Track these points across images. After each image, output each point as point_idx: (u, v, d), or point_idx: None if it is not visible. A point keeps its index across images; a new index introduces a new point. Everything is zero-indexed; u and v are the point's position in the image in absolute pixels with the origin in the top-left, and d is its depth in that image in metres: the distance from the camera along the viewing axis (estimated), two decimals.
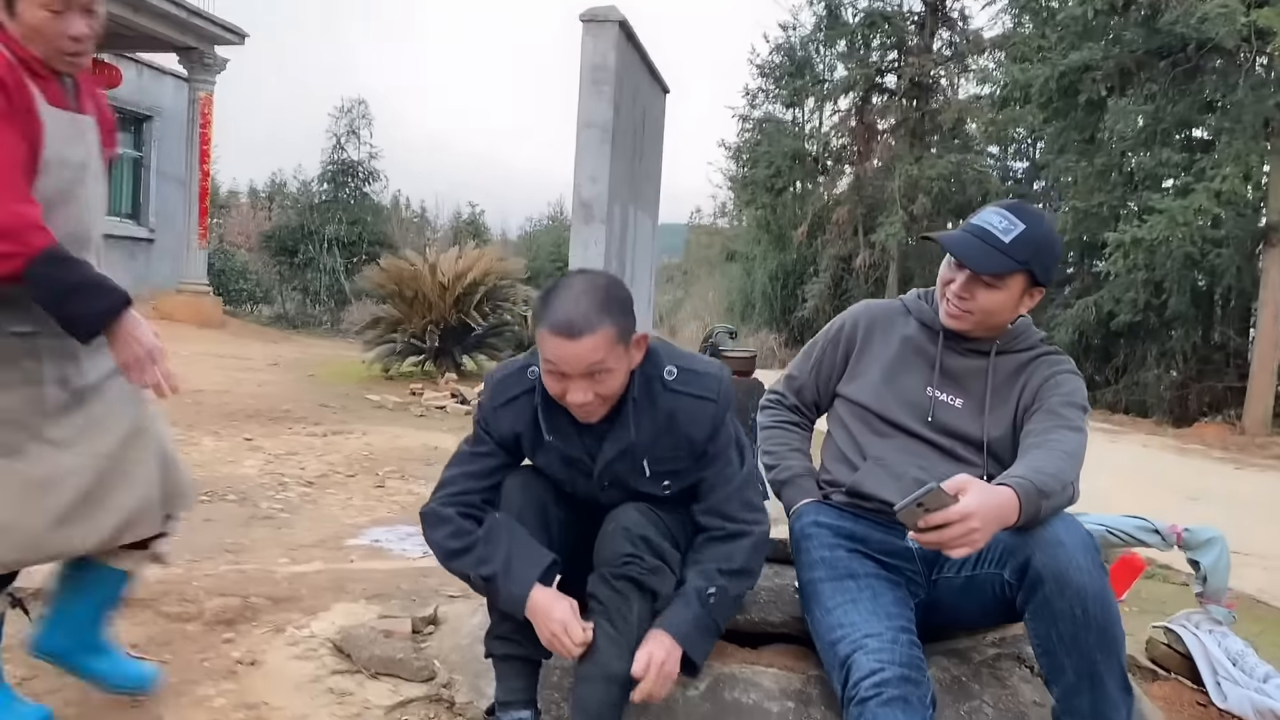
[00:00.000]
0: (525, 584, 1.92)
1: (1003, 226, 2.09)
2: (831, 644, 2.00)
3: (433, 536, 2.05)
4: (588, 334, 1.81)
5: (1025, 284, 2.13)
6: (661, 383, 1.98)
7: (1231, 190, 12.09)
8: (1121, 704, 1.92)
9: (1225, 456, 10.29)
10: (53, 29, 1.90)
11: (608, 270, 12.32)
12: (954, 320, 2.17)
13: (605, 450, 1.99)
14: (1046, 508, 1.88)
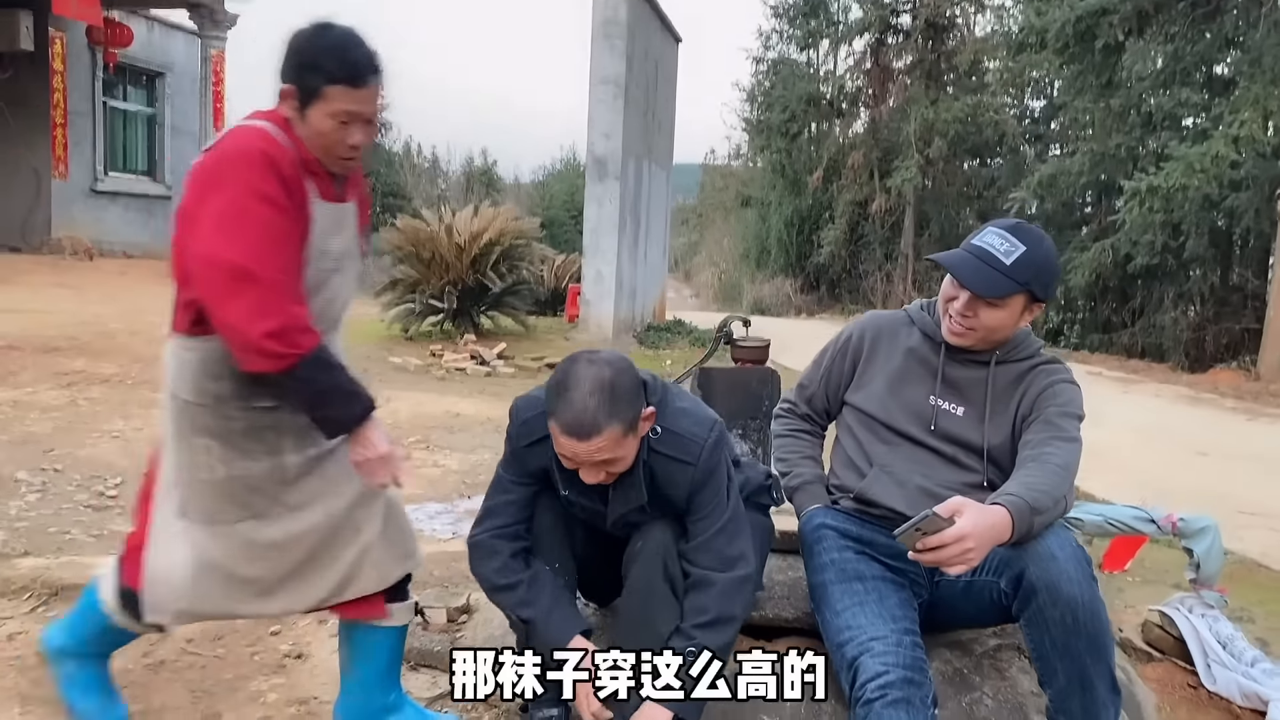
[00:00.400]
0: (564, 638, 2.11)
1: (1004, 249, 2.18)
2: (840, 646, 2.15)
3: (481, 569, 2.21)
4: (596, 436, 1.94)
5: (1026, 301, 2.23)
6: (647, 442, 2.09)
7: (1250, 135, 11.98)
8: (1110, 704, 2.07)
9: (1238, 406, 10.35)
10: (336, 137, 2.01)
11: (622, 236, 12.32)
12: (957, 338, 2.28)
13: (614, 507, 2.13)
14: (1039, 523, 2.01)
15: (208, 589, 2.05)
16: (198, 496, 2.05)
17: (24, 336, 8.90)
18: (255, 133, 1.98)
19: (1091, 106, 17.05)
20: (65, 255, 14.92)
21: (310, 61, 1.98)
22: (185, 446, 2.03)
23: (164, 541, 2.06)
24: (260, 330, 1.84)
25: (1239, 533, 5.07)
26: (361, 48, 2.02)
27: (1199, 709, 2.67)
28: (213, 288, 1.87)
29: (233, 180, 1.89)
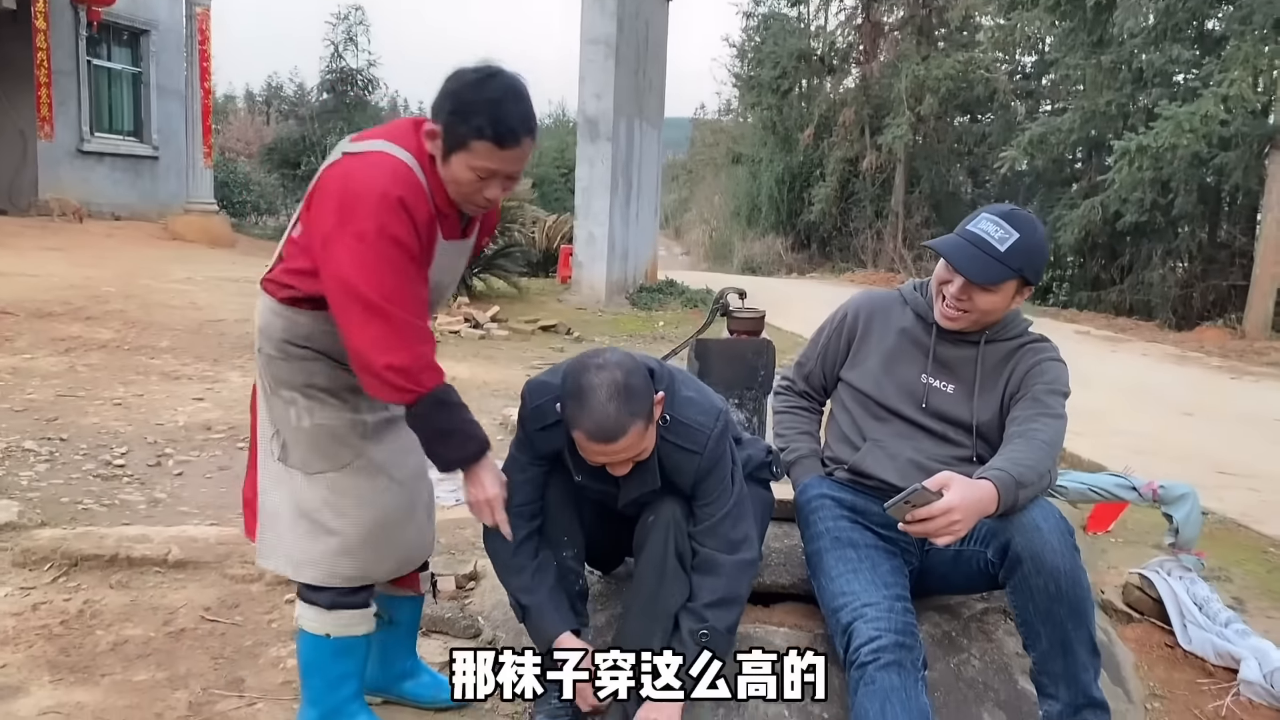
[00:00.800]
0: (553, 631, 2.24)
1: (999, 236, 2.25)
2: (834, 611, 2.26)
3: (495, 547, 2.32)
4: (621, 438, 2.02)
5: (1018, 285, 2.31)
6: (657, 429, 2.17)
7: (1239, 95, 12.01)
8: (1090, 666, 2.18)
9: (1223, 365, 10.48)
10: (473, 188, 2.01)
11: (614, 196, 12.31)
12: (950, 322, 2.37)
13: (627, 491, 2.22)
14: (1024, 496, 2.12)
15: (300, 535, 2.12)
16: (291, 445, 2.12)
17: (17, 301, 8.90)
18: (397, 171, 1.96)
19: (1083, 63, 17.00)
20: (53, 217, 14.85)
21: (463, 110, 1.94)
22: (275, 397, 2.12)
23: (269, 486, 2.15)
24: (385, 363, 1.92)
25: (1220, 493, 5.21)
26: (519, 105, 1.97)
27: (1175, 667, 2.80)
28: (347, 315, 1.93)
29: (372, 218, 1.90)
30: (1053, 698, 2.24)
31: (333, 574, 2.13)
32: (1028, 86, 23.39)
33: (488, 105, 1.94)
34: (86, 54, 16.25)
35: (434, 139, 1.99)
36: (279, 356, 2.10)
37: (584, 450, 2.10)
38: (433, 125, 1.98)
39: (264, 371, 2.13)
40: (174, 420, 5.32)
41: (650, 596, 2.20)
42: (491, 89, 1.96)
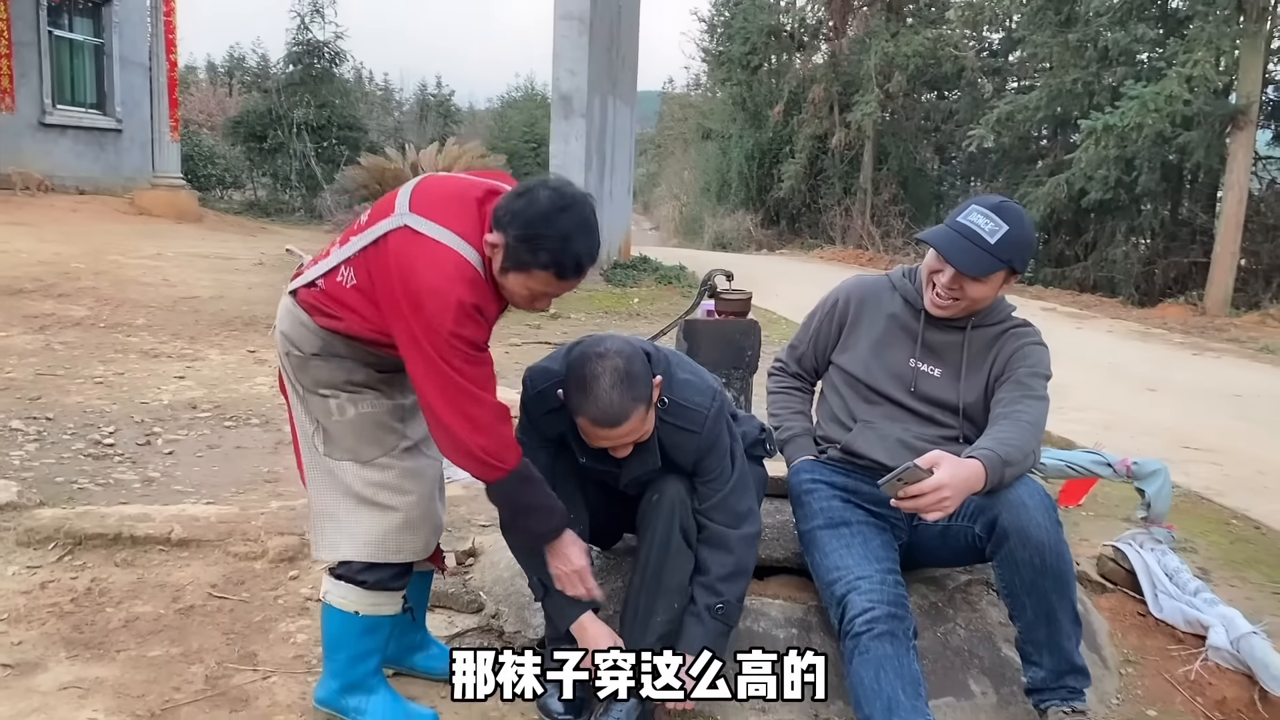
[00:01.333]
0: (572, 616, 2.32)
1: (989, 228, 2.35)
2: (829, 584, 2.36)
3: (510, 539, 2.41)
4: (624, 422, 2.12)
5: (1006, 275, 2.42)
6: (656, 411, 2.26)
7: (1202, 75, 12.21)
8: (1072, 635, 2.31)
9: (1185, 342, 10.73)
10: (525, 302, 2.09)
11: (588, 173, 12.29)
12: (940, 310, 2.47)
13: (629, 471, 2.31)
14: (1010, 474, 2.23)
15: (363, 519, 2.20)
16: (339, 437, 2.19)
17: None
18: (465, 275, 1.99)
19: (1050, 41, 17.18)
20: (16, 191, 14.63)
21: (533, 240, 1.97)
22: (313, 395, 2.19)
23: (318, 479, 2.22)
24: (478, 443, 2.03)
25: (1185, 467, 5.39)
26: (588, 240, 2.02)
27: (1147, 634, 2.93)
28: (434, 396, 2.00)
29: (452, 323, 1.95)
30: (1037, 665, 2.37)
31: (400, 550, 2.23)
32: (995, 64, 23.55)
33: (558, 241, 1.98)
34: (47, 25, 15.95)
35: (496, 250, 2.01)
36: (316, 360, 2.16)
37: (588, 435, 2.19)
38: (496, 238, 2.00)
39: (295, 375, 2.19)
40: (158, 399, 5.34)
41: (655, 571, 2.29)
42: (564, 223, 1.98)
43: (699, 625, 2.30)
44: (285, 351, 2.19)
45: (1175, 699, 2.64)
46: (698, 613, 2.31)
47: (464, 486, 3.97)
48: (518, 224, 1.98)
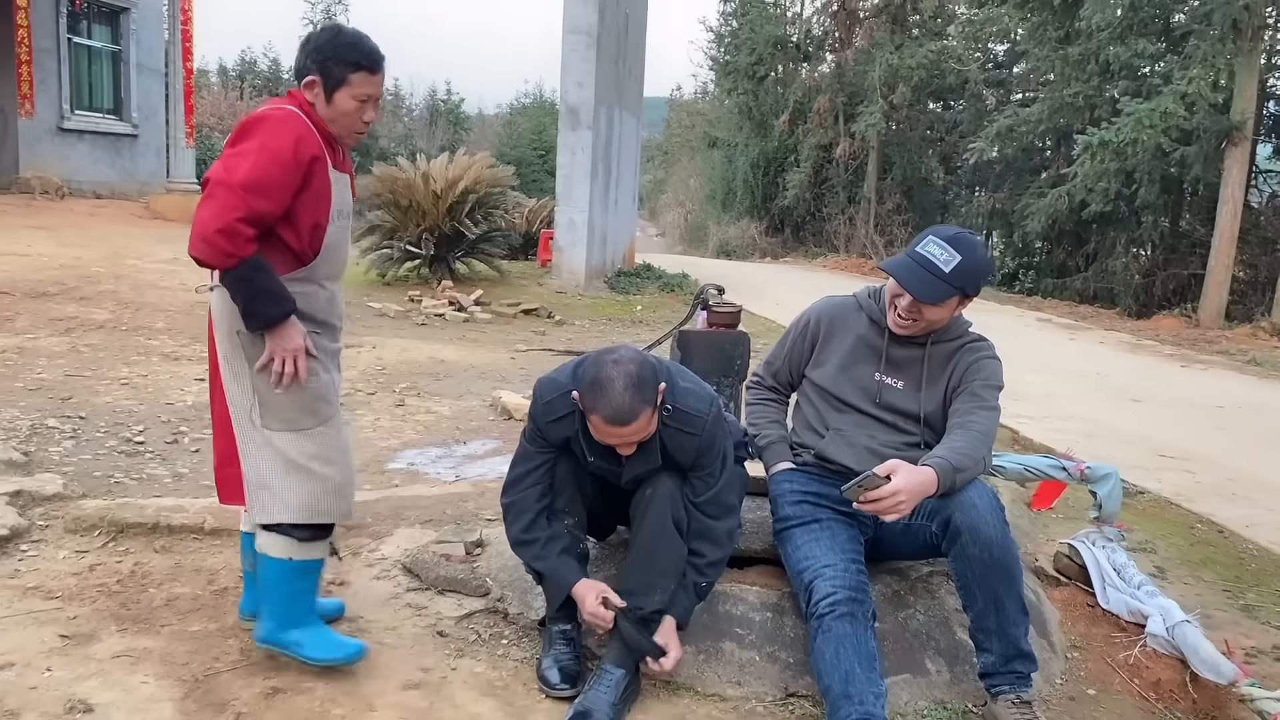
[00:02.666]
0: (567, 585, 2.61)
1: (944, 258, 2.63)
2: (799, 573, 2.65)
3: (511, 530, 2.69)
4: (634, 421, 2.41)
5: (960, 299, 2.70)
6: (660, 416, 2.55)
7: (1198, 93, 12.47)
8: (1019, 622, 2.58)
9: (1175, 353, 10.97)
10: (356, 115, 2.53)
11: (594, 183, 12.61)
12: (902, 330, 2.76)
13: (631, 469, 2.60)
14: (961, 479, 2.51)
15: (295, 486, 2.51)
16: (274, 410, 2.49)
17: (11, 281, 9.13)
18: (288, 112, 2.44)
19: (1051, 55, 17.43)
20: (35, 195, 14.97)
21: (335, 55, 2.47)
22: (261, 371, 2.47)
23: (253, 452, 2.51)
24: (214, 228, 2.31)
25: (1158, 474, 5.65)
26: (371, 42, 2.53)
27: (1094, 623, 3.20)
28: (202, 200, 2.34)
29: (259, 134, 2.38)
30: (988, 650, 2.63)
31: (330, 512, 2.57)
32: (999, 76, 23.81)
33: (353, 46, 2.50)
34: (67, 31, 16.32)
35: (314, 88, 2.48)
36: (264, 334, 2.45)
37: (599, 433, 2.47)
38: (310, 79, 2.47)
39: (247, 351, 2.47)
40: (182, 400, 5.63)
41: (649, 557, 2.58)
42: (349, 35, 2.52)
43: (687, 596, 2.62)
44: (235, 331, 2.46)
45: (1114, 680, 2.91)
46: (687, 586, 2.62)
47: (471, 484, 4.26)
48: (317, 55, 2.48)
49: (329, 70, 2.47)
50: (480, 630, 2.90)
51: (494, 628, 2.92)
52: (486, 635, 2.88)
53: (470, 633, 2.89)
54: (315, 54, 2.48)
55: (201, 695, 2.45)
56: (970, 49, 21.60)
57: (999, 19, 16.64)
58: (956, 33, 19.82)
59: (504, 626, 2.93)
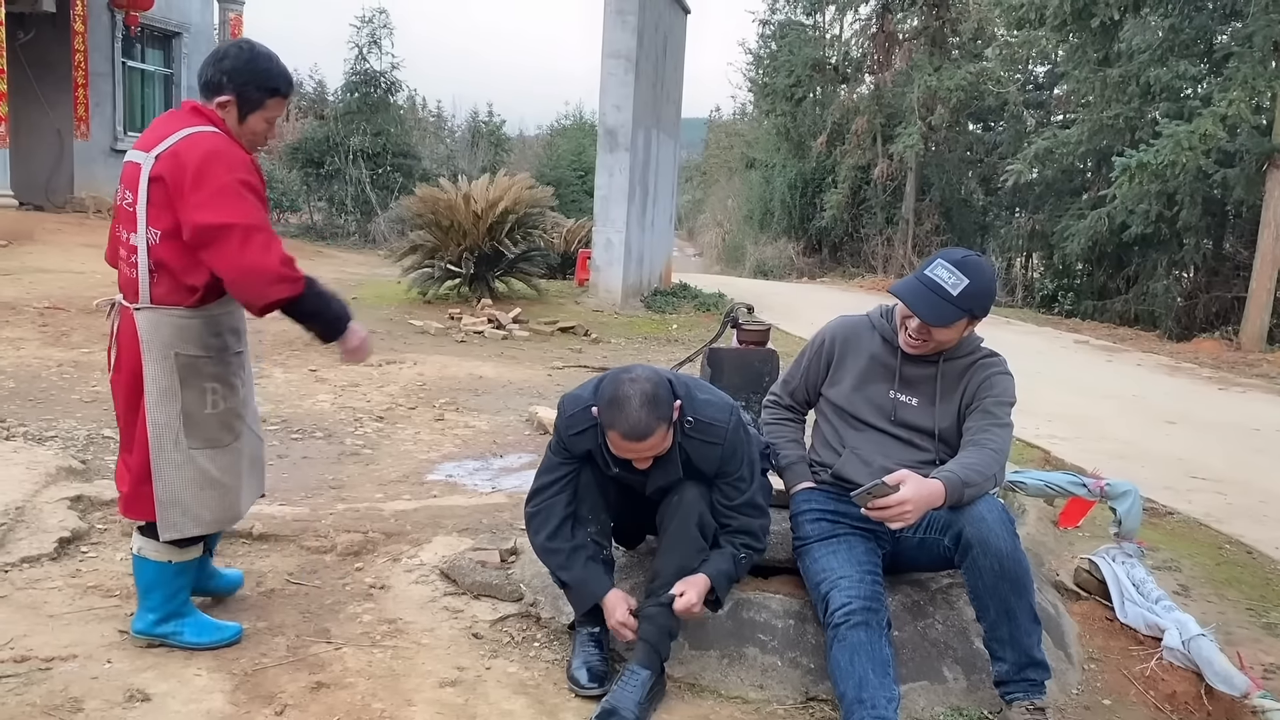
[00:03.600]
0: (594, 597, 2.74)
1: (951, 282, 2.73)
2: (816, 584, 2.75)
3: (535, 538, 2.82)
4: (649, 437, 2.53)
5: (968, 321, 2.80)
6: (682, 429, 2.68)
7: (1238, 115, 12.40)
8: (1031, 631, 2.67)
9: (1214, 377, 10.89)
10: (262, 135, 2.72)
11: (631, 205, 12.77)
12: (912, 350, 2.87)
13: (654, 481, 2.72)
14: (970, 494, 2.61)
15: (208, 500, 2.70)
16: (201, 428, 2.67)
17: (67, 297, 9.46)
18: (217, 137, 2.56)
19: (1091, 77, 17.39)
20: (89, 214, 15.41)
21: (253, 80, 2.61)
22: (192, 391, 2.65)
23: (169, 472, 2.66)
24: (276, 259, 2.49)
25: (1189, 495, 5.67)
26: (283, 64, 2.68)
27: (1112, 636, 3.27)
28: (227, 246, 2.47)
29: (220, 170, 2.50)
30: (1001, 659, 2.72)
31: (233, 519, 2.84)
32: (1039, 97, 23.77)
33: (268, 71, 2.63)
34: (121, 55, 16.82)
35: (228, 108, 2.62)
36: (203, 354, 2.64)
37: (616, 448, 2.59)
38: (225, 98, 2.60)
39: (183, 370, 2.62)
40: None
41: (674, 557, 2.70)
42: (263, 60, 2.64)
43: (719, 556, 2.74)
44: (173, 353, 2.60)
45: (1130, 691, 2.97)
46: (724, 553, 2.74)
47: (507, 495, 4.40)
48: (235, 80, 2.60)
49: (246, 94, 2.62)
50: (513, 633, 3.03)
51: (526, 630, 3.05)
52: (519, 637, 3.01)
53: (504, 635, 3.02)
54: (233, 75, 2.61)
55: (250, 688, 2.60)
56: (1009, 71, 21.57)
57: (1038, 41, 16.67)
58: (995, 55, 19.81)
59: (536, 629, 3.06)
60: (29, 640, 2.76)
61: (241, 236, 2.46)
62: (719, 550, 2.75)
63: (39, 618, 2.90)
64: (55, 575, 3.20)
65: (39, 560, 3.28)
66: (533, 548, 2.86)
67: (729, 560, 2.74)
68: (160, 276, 2.60)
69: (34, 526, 3.45)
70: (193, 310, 2.62)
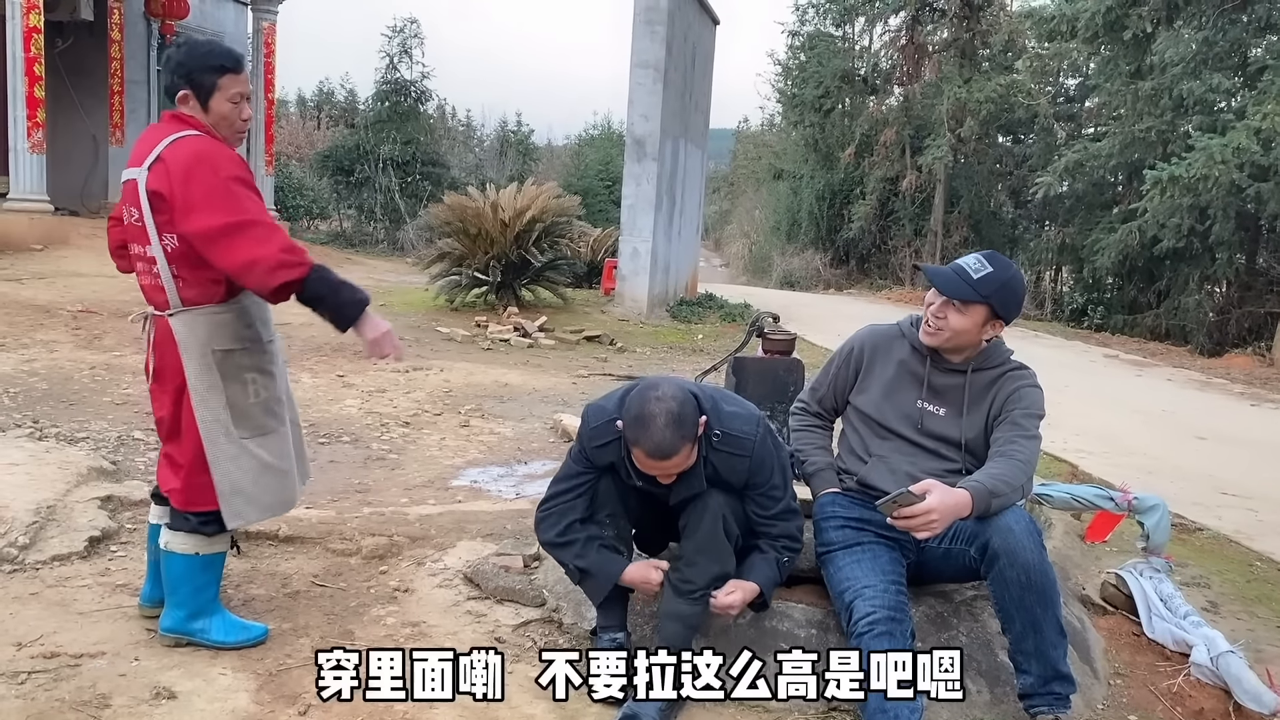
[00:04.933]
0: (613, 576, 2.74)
1: (976, 267, 2.77)
2: (840, 594, 2.74)
3: (545, 534, 2.83)
4: (674, 455, 2.53)
5: (987, 315, 2.79)
6: (709, 442, 2.68)
7: (1272, 128, 12.28)
8: (1058, 644, 2.64)
9: (1245, 392, 10.76)
10: (233, 115, 2.73)
11: (658, 214, 12.81)
12: (929, 338, 2.86)
13: (677, 493, 2.72)
14: (997, 504, 2.59)
15: (268, 485, 2.77)
16: (249, 418, 2.74)
17: (99, 301, 9.60)
18: (198, 139, 2.62)
19: (1123, 89, 17.27)
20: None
21: (198, 65, 2.66)
22: (234, 383, 2.72)
23: (225, 464, 2.71)
24: (277, 246, 2.51)
25: (1219, 511, 5.60)
26: (225, 45, 2.73)
27: (1139, 652, 3.23)
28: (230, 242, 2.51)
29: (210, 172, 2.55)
30: (1027, 672, 2.70)
31: (289, 503, 2.90)
32: (1070, 110, 23.60)
33: (212, 53, 2.69)
34: (157, 63, 17.04)
35: (188, 101, 2.66)
36: (239, 347, 2.71)
37: (641, 464, 2.60)
38: (183, 94, 2.65)
39: (221, 364, 2.69)
40: None
41: (698, 556, 2.70)
42: (204, 45, 2.72)
43: (764, 563, 2.76)
44: (211, 349, 2.67)
45: (1156, 708, 2.94)
46: (765, 555, 2.77)
47: (530, 502, 4.40)
48: (182, 71, 2.66)
49: (198, 80, 2.66)
50: (536, 638, 3.04)
51: (548, 636, 3.06)
52: (542, 643, 3.02)
53: (526, 640, 3.03)
54: (179, 69, 2.67)
55: (275, 688, 2.62)
56: (1040, 83, 21.44)
57: (1069, 53, 16.57)
58: (1026, 66, 19.71)
59: (558, 635, 3.07)
60: (58, 637, 2.80)
61: (237, 231, 2.51)
62: (762, 555, 2.77)
63: (68, 615, 2.95)
64: (85, 573, 3.25)
65: (69, 559, 3.33)
66: (542, 545, 2.86)
67: (773, 565, 2.78)
68: (185, 281, 2.66)
69: (65, 525, 3.50)
70: (224, 305, 2.70)
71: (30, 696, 2.46)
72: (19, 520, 3.39)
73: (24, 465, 4.03)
